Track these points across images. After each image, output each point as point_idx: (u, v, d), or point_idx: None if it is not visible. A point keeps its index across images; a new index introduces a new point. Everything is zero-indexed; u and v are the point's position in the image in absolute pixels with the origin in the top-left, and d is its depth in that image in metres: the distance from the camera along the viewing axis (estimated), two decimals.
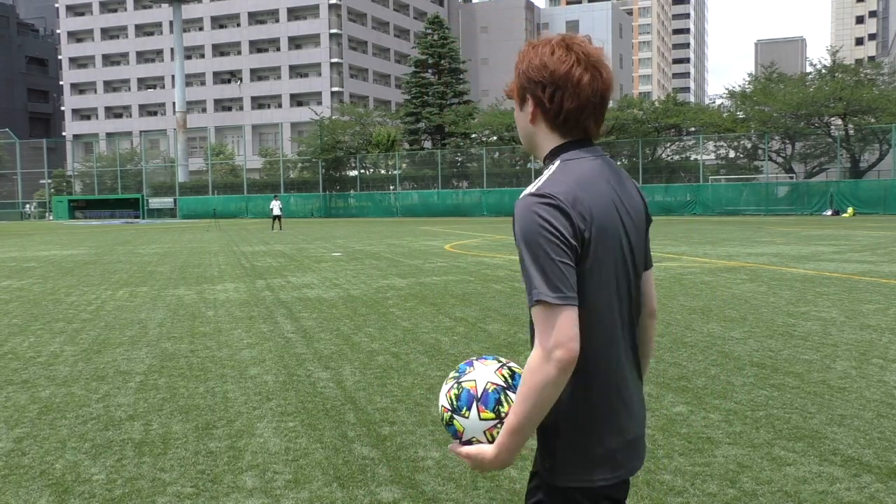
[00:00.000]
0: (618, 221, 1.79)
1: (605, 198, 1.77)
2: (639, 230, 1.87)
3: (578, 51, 1.78)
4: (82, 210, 67.84)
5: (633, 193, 1.88)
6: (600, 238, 1.74)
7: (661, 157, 54.05)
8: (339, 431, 4.81)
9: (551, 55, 1.78)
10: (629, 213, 1.83)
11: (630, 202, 1.85)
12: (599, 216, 1.74)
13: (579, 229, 1.70)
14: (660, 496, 3.73)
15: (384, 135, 60.83)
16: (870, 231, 25.74)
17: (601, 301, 1.76)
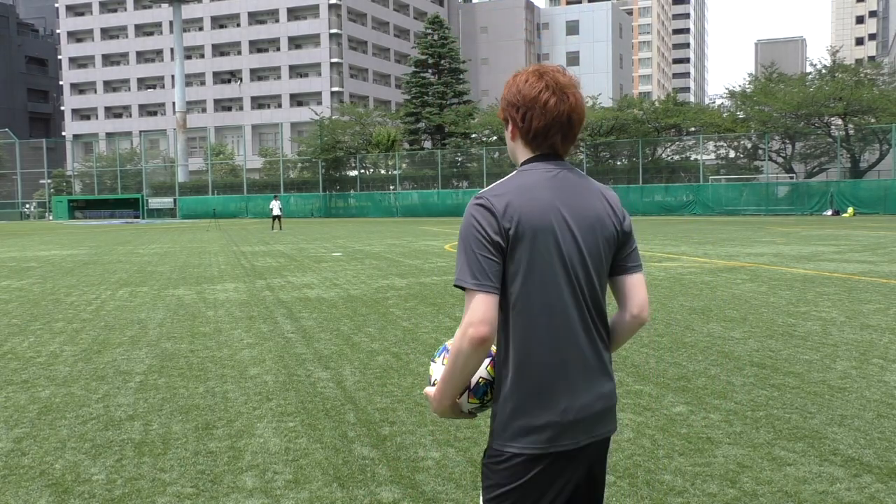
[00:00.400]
0: (553, 225, 1.98)
1: (542, 203, 1.99)
2: (591, 235, 2.04)
3: (548, 78, 2.06)
4: (82, 210, 67.84)
5: (594, 203, 2.07)
6: (529, 237, 1.96)
7: (661, 157, 54.05)
8: (339, 431, 4.81)
9: (525, 82, 2.07)
10: (575, 219, 2.02)
11: (583, 210, 2.04)
12: (530, 219, 1.96)
13: (504, 228, 1.94)
14: (660, 496, 3.73)
15: (384, 135, 60.82)
16: (870, 231, 25.74)
17: (534, 292, 1.97)
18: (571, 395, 2.01)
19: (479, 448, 4.44)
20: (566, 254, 2.00)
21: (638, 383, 5.86)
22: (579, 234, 2.02)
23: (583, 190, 2.07)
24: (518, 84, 2.09)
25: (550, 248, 1.98)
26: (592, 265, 2.04)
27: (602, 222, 2.06)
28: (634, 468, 4.10)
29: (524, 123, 2.06)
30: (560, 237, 1.99)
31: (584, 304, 2.03)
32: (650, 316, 2.21)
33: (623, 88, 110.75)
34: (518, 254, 1.96)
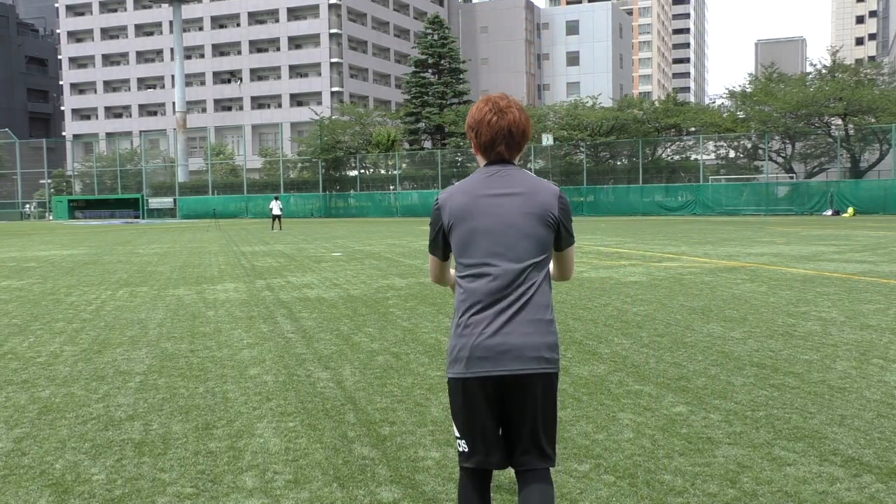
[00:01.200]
0: (476, 215, 2.69)
1: (471, 198, 2.71)
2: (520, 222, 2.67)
3: (491, 104, 2.76)
4: (82, 210, 67.85)
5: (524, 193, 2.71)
6: (456, 222, 2.71)
7: (661, 157, 54.06)
8: (339, 431, 4.81)
9: (476, 109, 2.79)
10: (498, 209, 2.68)
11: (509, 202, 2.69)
12: (459, 210, 2.71)
13: (443, 214, 2.75)
14: (660, 496, 3.73)
15: (384, 135, 60.83)
16: (870, 231, 25.74)
17: (465, 259, 2.70)
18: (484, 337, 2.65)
19: None
20: (487, 233, 2.69)
21: (638, 383, 5.86)
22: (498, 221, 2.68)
23: (519, 183, 2.73)
24: (472, 111, 2.81)
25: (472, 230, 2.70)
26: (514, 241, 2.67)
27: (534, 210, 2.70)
28: (634, 468, 4.10)
29: (477, 139, 2.77)
30: (480, 222, 2.69)
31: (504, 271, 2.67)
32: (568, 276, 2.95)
33: (623, 88, 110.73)
34: (454, 232, 2.74)
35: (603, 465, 4.15)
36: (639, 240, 23.18)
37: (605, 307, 9.73)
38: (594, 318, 8.92)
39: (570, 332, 8.00)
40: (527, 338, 2.63)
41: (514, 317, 2.64)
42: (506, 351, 2.62)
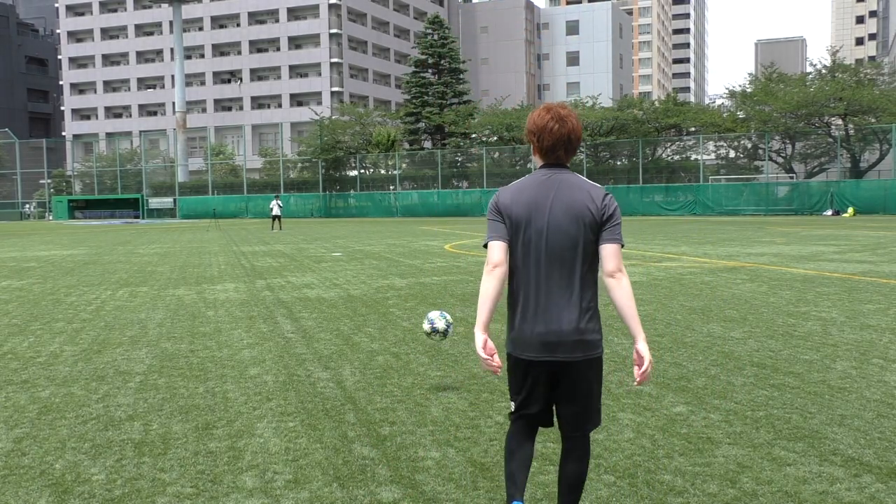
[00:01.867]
0: (530, 209, 3.04)
1: (528, 197, 3.06)
2: (567, 219, 3.00)
3: (553, 112, 3.09)
4: (82, 210, 67.82)
5: (573, 195, 3.03)
6: (514, 217, 3.06)
7: (661, 157, 54.05)
8: (339, 431, 4.81)
9: (538, 116, 3.11)
10: (552, 208, 3.02)
11: (561, 203, 3.02)
12: (518, 206, 3.06)
13: (503, 207, 3.09)
14: (660, 496, 3.73)
15: (384, 135, 60.81)
16: (870, 231, 25.74)
17: (516, 248, 3.07)
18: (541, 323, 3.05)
19: (479, 448, 4.45)
20: (538, 230, 3.03)
21: None
22: (551, 217, 3.02)
23: (566, 189, 3.05)
24: (533, 117, 3.12)
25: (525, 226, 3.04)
26: (563, 235, 3.01)
27: (572, 211, 3.01)
28: (634, 468, 4.10)
29: (539, 143, 3.11)
30: (533, 220, 3.03)
31: (549, 258, 3.03)
32: (621, 277, 3.05)
33: (623, 88, 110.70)
34: (508, 226, 3.08)
35: (603, 465, 4.15)
36: (639, 240, 23.17)
37: (605, 307, 9.71)
38: None
39: None
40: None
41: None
42: (549, 342, 3.16)
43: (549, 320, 2.99)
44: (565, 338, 2.99)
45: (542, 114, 3.09)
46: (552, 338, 2.99)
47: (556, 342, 2.99)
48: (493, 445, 4.49)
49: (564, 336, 2.99)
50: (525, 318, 3.04)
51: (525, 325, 3.03)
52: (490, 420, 4.99)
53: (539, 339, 3.00)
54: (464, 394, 5.66)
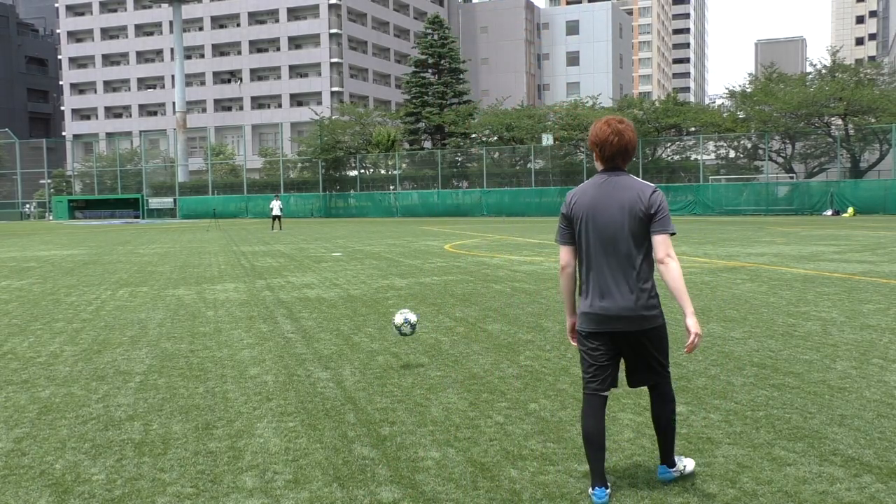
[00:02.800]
0: (592, 207, 3.67)
1: (590, 196, 3.70)
2: (622, 214, 3.62)
3: (612, 126, 3.67)
4: (82, 210, 67.81)
5: (628, 196, 3.63)
6: (579, 217, 3.72)
7: (661, 157, 54.05)
8: (339, 431, 4.81)
9: (599, 129, 3.69)
10: (609, 205, 3.65)
11: (616, 200, 3.64)
12: (581, 206, 3.72)
13: (569, 209, 3.77)
14: (660, 496, 3.73)
15: (384, 135, 60.81)
16: (870, 231, 25.74)
17: (582, 240, 3.73)
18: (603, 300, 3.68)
19: (479, 448, 4.45)
20: (597, 226, 3.66)
21: None
22: (608, 215, 3.64)
23: (621, 189, 3.65)
24: (595, 130, 3.71)
25: (587, 222, 3.69)
26: (619, 227, 3.63)
27: (624, 208, 3.62)
28: (634, 468, 4.10)
29: (601, 153, 3.71)
30: (594, 217, 3.67)
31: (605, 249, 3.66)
32: (669, 261, 3.60)
33: (623, 88, 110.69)
34: (574, 224, 3.75)
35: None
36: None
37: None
38: None
39: None
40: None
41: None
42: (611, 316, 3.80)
43: (609, 299, 3.64)
44: (622, 313, 3.63)
45: (602, 128, 3.68)
46: (612, 313, 3.64)
47: (615, 317, 3.63)
48: (493, 445, 4.49)
49: (622, 312, 3.63)
50: (589, 298, 3.71)
51: (590, 304, 3.70)
52: (490, 420, 4.99)
53: (601, 315, 3.66)
54: (464, 394, 5.66)
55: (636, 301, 3.62)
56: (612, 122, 3.68)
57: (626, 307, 3.62)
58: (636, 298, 3.62)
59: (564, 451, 4.36)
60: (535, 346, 7.37)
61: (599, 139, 3.67)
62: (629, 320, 3.63)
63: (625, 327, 3.65)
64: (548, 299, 10.48)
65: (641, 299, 3.63)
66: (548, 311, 9.43)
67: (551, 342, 7.52)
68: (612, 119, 3.71)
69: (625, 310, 3.62)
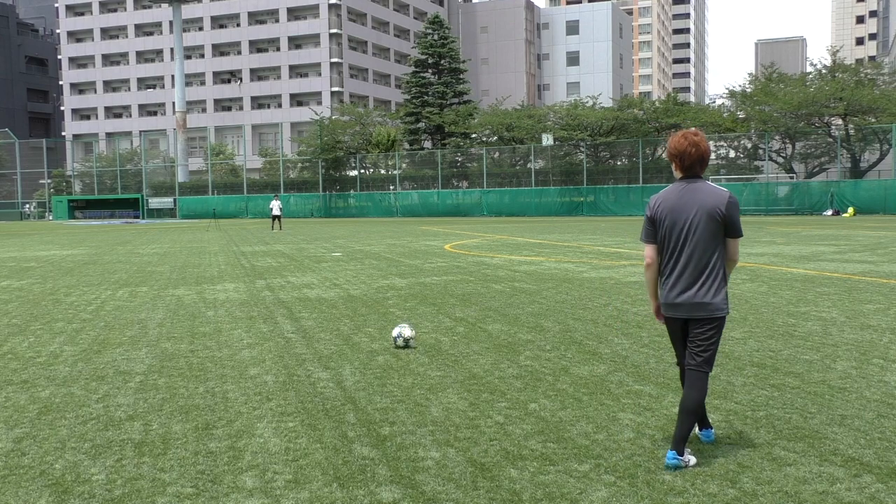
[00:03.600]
0: (673, 210, 4.20)
1: (672, 200, 4.22)
2: (699, 217, 4.13)
3: (689, 139, 4.17)
4: (82, 210, 67.80)
5: (704, 199, 4.15)
6: (662, 218, 4.23)
7: (661, 157, 54.03)
8: (339, 431, 4.80)
9: (677, 142, 4.20)
10: (688, 209, 4.16)
11: (695, 205, 4.15)
12: (664, 209, 4.23)
13: (654, 212, 4.27)
14: (660, 496, 3.73)
15: (384, 135, 60.82)
16: (870, 231, 25.74)
17: (663, 238, 4.24)
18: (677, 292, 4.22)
19: (479, 448, 4.45)
20: (678, 227, 4.18)
21: (638, 383, 5.86)
22: (689, 217, 4.15)
23: (697, 192, 4.17)
24: (674, 143, 4.22)
25: (671, 224, 4.21)
26: (697, 232, 4.14)
27: (704, 211, 4.12)
28: (634, 468, 4.10)
29: (681, 163, 4.22)
30: (676, 219, 4.19)
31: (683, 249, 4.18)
32: (733, 263, 4.28)
33: (623, 88, 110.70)
34: (657, 225, 4.26)
35: (603, 465, 4.15)
36: (639, 240, 23.15)
37: (605, 307, 9.73)
38: (594, 318, 8.92)
39: (570, 333, 8.00)
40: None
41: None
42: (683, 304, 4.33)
43: (678, 290, 4.19)
44: (691, 300, 4.16)
45: (680, 140, 4.20)
46: (680, 302, 4.19)
47: (686, 304, 4.17)
48: (493, 445, 4.49)
49: (691, 299, 4.16)
50: (667, 288, 4.26)
51: (667, 294, 4.26)
52: (490, 420, 4.99)
53: (675, 303, 4.21)
54: (464, 394, 5.66)
55: (706, 294, 4.14)
56: (689, 136, 4.18)
57: (694, 296, 4.15)
58: (708, 293, 4.13)
59: (564, 451, 4.36)
60: (535, 346, 7.37)
61: (679, 151, 4.18)
62: (695, 307, 4.16)
63: (690, 314, 4.19)
64: (548, 299, 10.48)
65: (709, 292, 4.14)
66: (548, 311, 9.43)
67: (551, 342, 7.52)
68: (688, 133, 4.20)
69: (692, 298, 4.16)
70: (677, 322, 4.29)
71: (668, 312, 4.27)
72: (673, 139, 4.23)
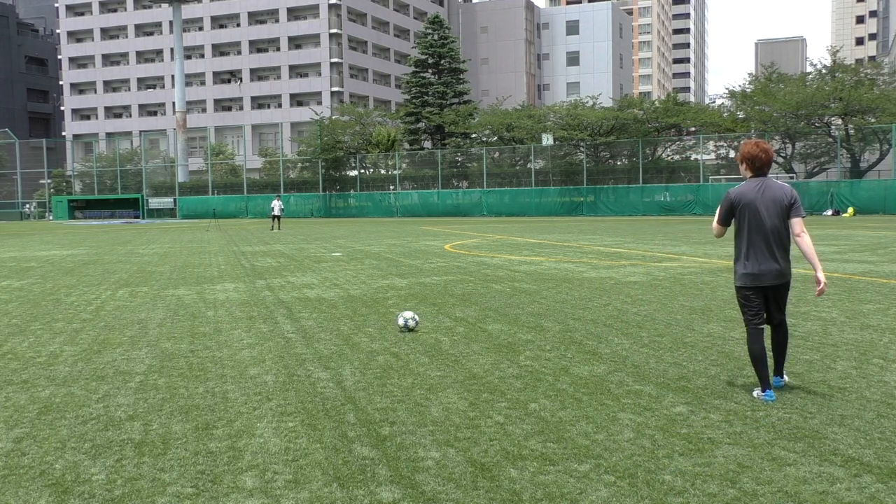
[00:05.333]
0: (751, 201, 5.34)
1: (749, 194, 5.38)
2: (772, 206, 5.32)
3: (760, 147, 5.41)
4: (82, 210, 67.80)
5: (776, 194, 5.34)
6: (741, 206, 5.38)
7: (661, 157, 54.05)
8: (339, 431, 4.81)
9: (749, 148, 5.43)
10: (763, 200, 5.32)
11: (768, 197, 5.33)
12: (744, 199, 5.38)
13: (734, 202, 5.44)
14: (660, 496, 3.73)
15: (384, 135, 60.82)
16: (870, 231, 25.74)
17: (743, 224, 5.40)
18: (757, 265, 5.35)
19: (479, 448, 4.45)
20: (756, 213, 5.30)
21: (638, 383, 5.86)
22: (763, 206, 5.30)
23: (769, 189, 5.34)
24: (748, 149, 5.40)
25: (749, 211, 5.33)
26: (773, 217, 5.30)
27: (776, 201, 5.31)
28: (634, 468, 4.10)
29: (752, 165, 5.39)
30: (754, 208, 5.31)
31: (763, 230, 5.31)
32: (803, 235, 5.35)
33: (623, 88, 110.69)
34: (737, 211, 5.39)
35: (603, 465, 4.15)
36: (639, 240, 23.18)
37: (605, 307, 9.73)
38: (594, 318, 8.92)
39: (570, 332, 8.00)
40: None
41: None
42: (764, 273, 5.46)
43: (762, 264, 5.36)
44: (770, 272, 5.36)
45: (753, 148, 5.42)
46: (764, 272, 5.36)
47: (766, 274, 5.36)
48: (493, 445, 4.49)
49: (770, 272, 5.36)
50: (747, 264, 5.38)
51: (747, 267, 5.38)
52: (490, 420, 4.99)
53: (756, 274, 5.37)
54: (464, 394, 5.66)
55: (779, 266, 5.36)
56: (761, 144, 5.43)
57: (772, 269, 5.35)
58: (780, 264, 5.37)
59: (564, 451, 4.36)
60: (535, 346, 7.37)
61: (752, 155, 5.41)
62: (774, 277, 5.36)
63: (771, 282, 5.38)
64: (548, 299, 10.48)
65: (782, 265, 5.37)
66: (548, 311, 9.43)
67: (551, 342, 7.52)
68: (759, 141, 5.47)
69: (771, 271, 5.35)
70: (758, 290, 5.40)
71: (750, 283, 5.37)
72: (746, 146, 5.44)
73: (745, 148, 5.40)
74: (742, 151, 5.40)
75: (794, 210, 5.31)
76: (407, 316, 8.24)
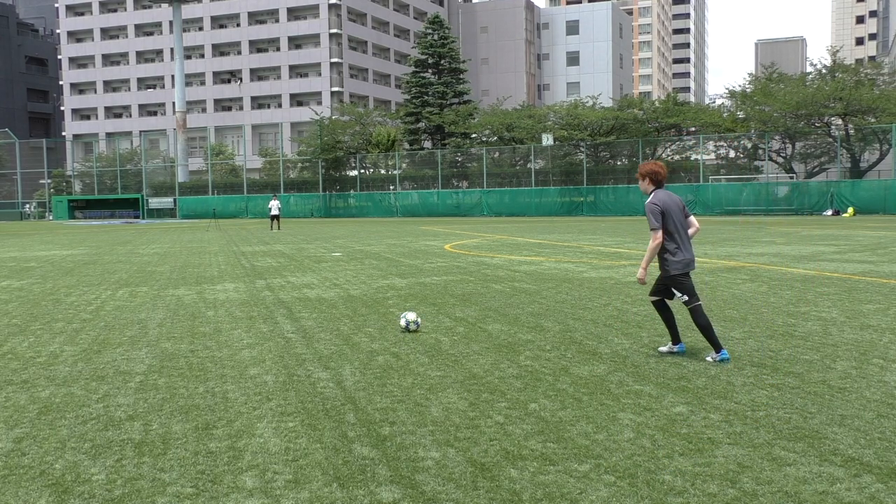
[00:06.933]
0: (670, 207, 6.60)
1: (668, 201, 6.62)
2: (678, 209, 6.67)
3: (658, 164, 6.80)
4: (82, 210, 67.79)
5: (676, 200, 6.71)
6: (667, 212, 6.58)
7: (661, 157, 54.01)
8: (339, 431, 4.80)
9: (651, 167, 6.76)
10: (675, 205, 6.66)
11: (675, 202, 6.68)
12: (666, 206, 6.59)
13: (663, 209, 6.58)
14: (660, 496, 3.73)
15: (384, 135, 60.81)
16: (870, 231, 25.74)
17: (670, 225, 6.60)
18: (686, 253, 6.63)
19: (478, 448, 4.45)
20: (676, 215, 6.62)
21: (638, 383, 5.86)
22: (676, 210, 6.63)
23: (672, 195, 6.69)
24: (649, 167, 6.73)
25: (672, 214, 6.58)
26: (680, 216, 6.65)
27: (680, 204, 6.71)
28: (634, 468, 4.10)
29: (654, 179, 6.72)
30: (673, 210, 6.60)
31: (683, 229, 6.67)
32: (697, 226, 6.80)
33: (623, 88, 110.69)
34: (664, 216, 6.57)
35: (603, 465, 4.15)
36: (639, 240, 23.18)
37: (605, 307, 9.73)
38: (594, 318, 8.92)
39: (570, 332, 8.00)
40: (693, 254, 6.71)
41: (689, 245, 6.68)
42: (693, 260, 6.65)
43: (689, 253, 6.60)
44: (694, 259, 6.65)
45: (654, 166, 6.69)
46: (691, 259, 6.60)
47: (693, 260, 6.62)
48: (493, 445, 4.49)
49: (693, 258, 6.65)
50: (684, 255, 6.55)
51: (685, 257, 6.55)
52: (490, 420, 4.99)
53: (690, 261, 6.58)
54: (464, 394, 5.66)
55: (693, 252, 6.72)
56: (658, 164, 6.72)
57: (694, 256, 6.68)
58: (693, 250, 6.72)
59: (564, 451, 4.36)
60: (535, 346, 7.37)
61: (654, 172, 6.66)
62: (694, 263, 6.65)
63: (694, 266, 6.63)
64: (548, 299, 10.48)
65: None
66: (548, 311, 9.43)
67: (551, 342, 7.52)
68: (656, 161, 6.88)
69: (694, 257, 6.67)
70: (688, 276, 6.60)
71: (685, 269, 6.54)
72: (648, 165, 6.70)
73: (648, 167, 6.65)
74: (644, 170, 6.63)
75: (686, 209, 6.75)
76: (410, 318, 8.17)
